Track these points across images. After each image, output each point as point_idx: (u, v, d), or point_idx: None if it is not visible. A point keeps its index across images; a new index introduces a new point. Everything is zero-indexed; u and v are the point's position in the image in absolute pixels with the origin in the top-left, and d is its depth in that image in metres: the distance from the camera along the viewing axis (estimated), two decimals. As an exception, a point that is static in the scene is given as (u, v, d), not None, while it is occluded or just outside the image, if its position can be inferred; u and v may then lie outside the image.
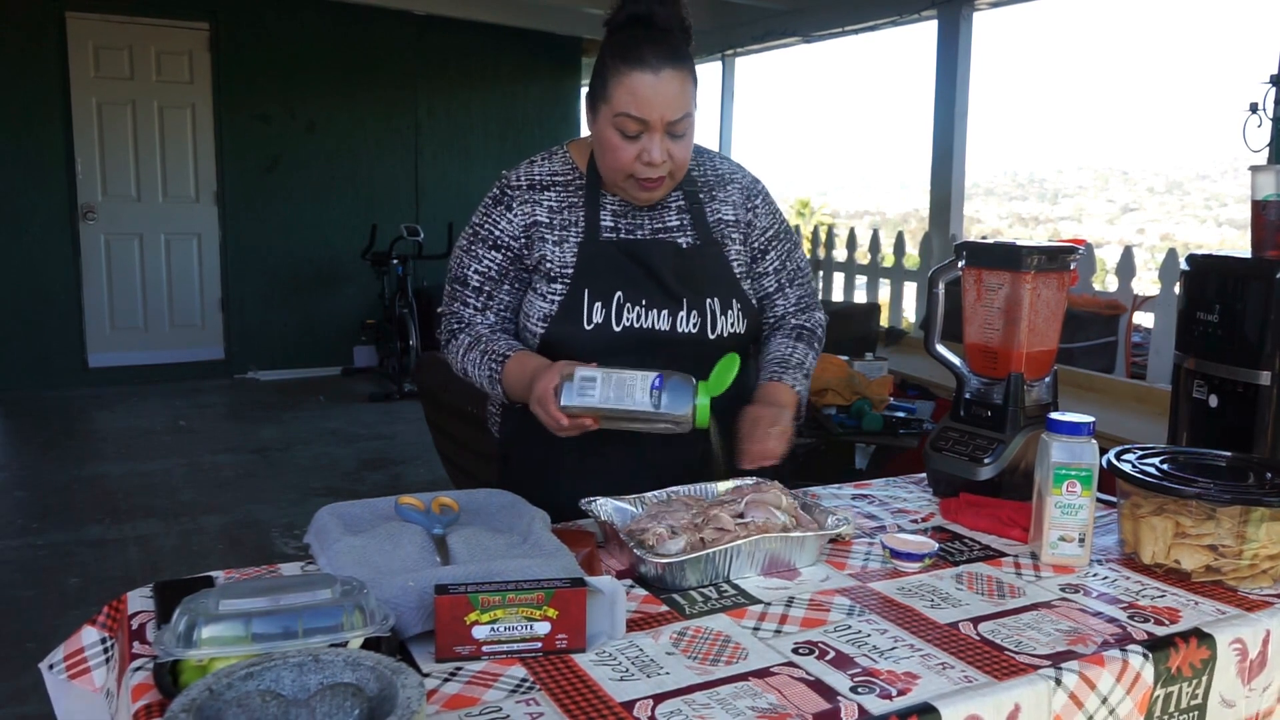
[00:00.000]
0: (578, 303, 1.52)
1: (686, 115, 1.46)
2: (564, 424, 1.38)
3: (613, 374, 1.38)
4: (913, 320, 5.12)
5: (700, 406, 1.36)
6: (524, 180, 1.59)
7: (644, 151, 1.45)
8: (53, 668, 1.18)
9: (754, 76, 14.41)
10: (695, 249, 1.58)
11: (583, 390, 1.37)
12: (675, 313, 1.54)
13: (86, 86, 6.34)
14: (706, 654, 1.07)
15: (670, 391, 1.36)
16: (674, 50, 1.45)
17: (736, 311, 1.58)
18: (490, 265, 1.59)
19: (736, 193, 1.64)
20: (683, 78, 1.45)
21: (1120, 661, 1.07)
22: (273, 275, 6.98)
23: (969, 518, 1.52)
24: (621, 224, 1.57)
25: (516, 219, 1.57)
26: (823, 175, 33.41)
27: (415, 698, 0.78)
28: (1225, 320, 1.71)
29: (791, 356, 1.64)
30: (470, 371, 1.58)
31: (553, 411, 1.37)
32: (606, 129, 1.46)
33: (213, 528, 4.05)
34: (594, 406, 1.37)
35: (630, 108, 1.42)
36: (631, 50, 1.43)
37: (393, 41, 7.12)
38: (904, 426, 3.22)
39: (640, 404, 1.36)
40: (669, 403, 1.36)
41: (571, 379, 1.37)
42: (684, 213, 1.60)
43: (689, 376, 1.39)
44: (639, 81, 1.41)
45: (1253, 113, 2.81)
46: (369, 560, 1.16)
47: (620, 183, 1.51)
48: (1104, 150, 38.90)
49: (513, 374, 1.50)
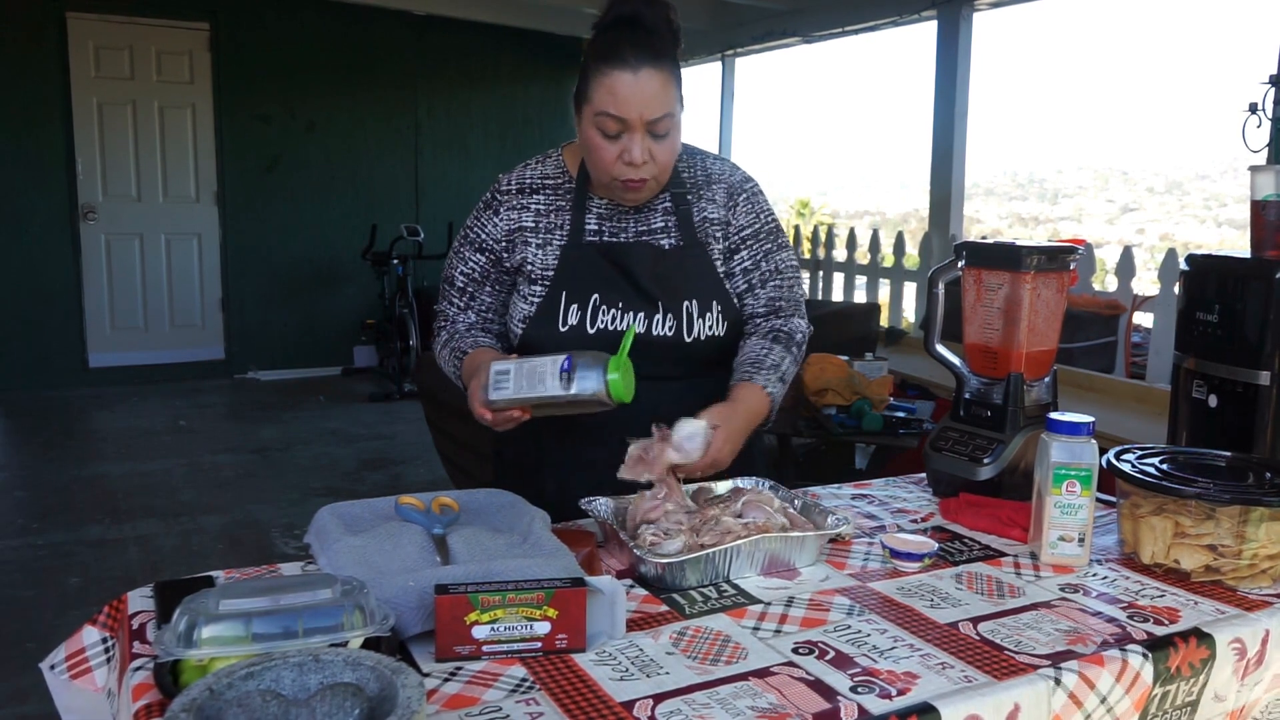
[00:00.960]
0: (554, 305, 1.54)
1: (668, 115, 1.45)
2: (488, 418, 1.38)
3: (525, 363, 1.36)
4: (913, 320, 5.12)
5: (612, 382, 1.33)
6: (514, 185, 1.61)
7: (625, 151, 1.44)
8: (54, 668, 1.18)
9: (754, 76, 14.39)
10: (677, 250, 1.57)
11: (498, 384, 1.36)
12: (651, 315, 1.53)
13: (87, 86, 6.34)
14: (706, 654, 1.07)
15: (580, 372, 1.33)
16: (656, 50, 1.44)
17: (716, 314, 1.56)
18: (474, 267, 1.62)
19: (721, 192, 1.62)
20: (663, 77, 1.44)
21: (1120, 661, 1.07)
22: (273, 275, 6.98)
23: (969, 518, 1.52)
24: (606, 227, 1.58)
25: (500, 223, 1.59)
26: (823, 175, 33.36)
27: (415, 698, 0.78)
28: (1225, 320, 1.71)
29: (766, 358, 1.54)
30: (444, 368, 1.64)
31: (476, 408, 1.39)
32: (589, 129, 1.47)
33: (213, 528, 4.05)
34: (510, 398, 1.36)
35: (609, 106, 1.42)
36: (612, 50, 1.43)
37: (393, 41, 7.12)
38: (904, 426, 3.22)
39: (552, 390, 1.33)
40: (580, 385, 1.33)
41: (490, 374, 1.37)
42: (670, 214, 1.59)
43: (600, 354, 1.35)
44: (617, 80, 1.42)
45: (1252, 113, 2.81)
46: (369, 560, 1.16)
47: (607, 184, 1.51)
48: (1104, 150, 38.85)
49: (467, 371, 1.54)
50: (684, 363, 1.56)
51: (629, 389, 1.35)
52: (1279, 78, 2.88)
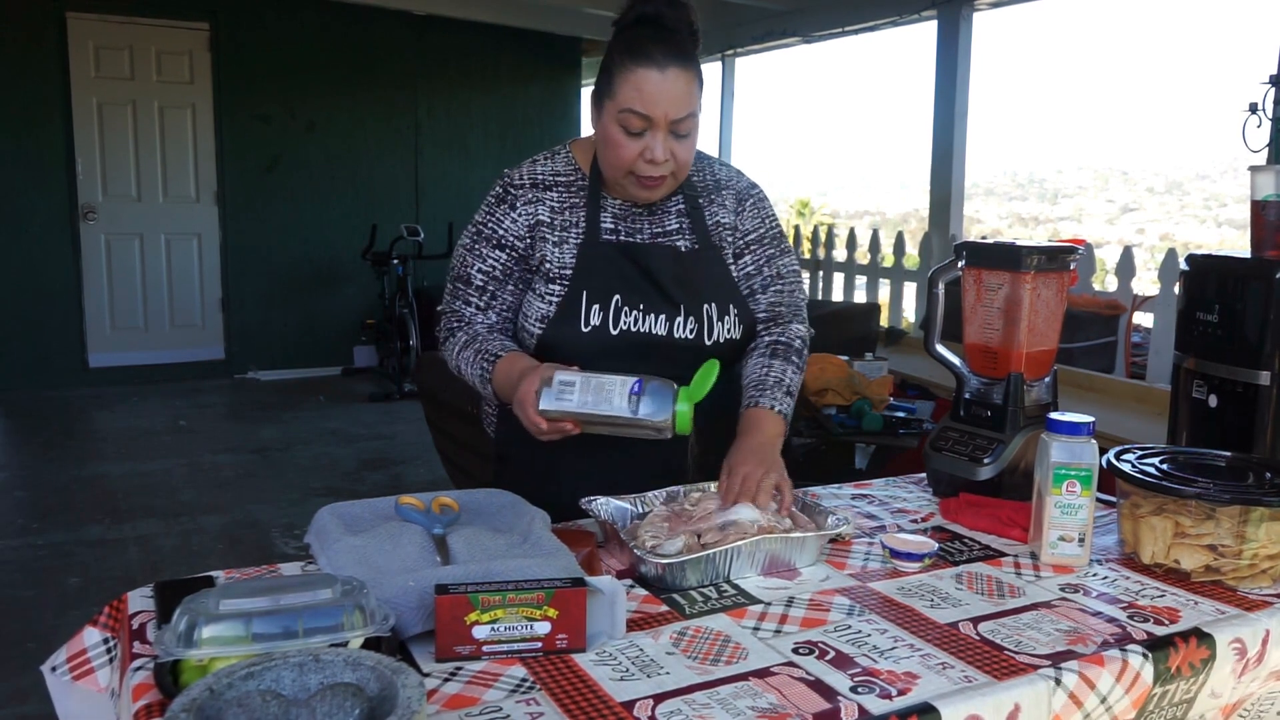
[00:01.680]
0: (575, 304, 1.52)
1: (691, 115, 1.46)
2: (543, 428, 1.36)
3: (592, 378, 1.34)
4: (913, 320, 5.12)
5: (680, 413, 1.32)
6: (527, 179, 1.58)
7: (647, 149, 1.45)
8: (55, 669, 1.18)
9: (754, 76, 14.41)
10: (694, 254, 1.57)
11: (561, 394, 1.34)
12: (672, 318, 1.53)
13: (87, 86, 6.34)
14: (706, 654, 1.07)
15: (649, 397, 1.32)
16: (681, 50, 1.45)
17: (733, 318, 1.57)
18: (495, 264, 1.57)
19: (730, 198, 1.64)
20: (689, 77, 1.45)
21: (1120, 661, 1.07)
22: (273, 275, 6.98)
23: (969, 518, 1.52)
24: (622, 226, 1.57)
25: (521, 218, 1.56)
26: (823, 175, 33.39)
27: (415, 698, 0.78)
28: (1225, 320, 1.72)
29: (768, 376, 1.56)
30: (464, 370, 1.57)
31: (531, 415, 1.35)
32: (611, 125, 1.46)
33: (213, 528, 4.05)
34: (572, 411, 1.34)
35: (635, 104, 1.43)
36: (639, 48, 1.43)
37: (393, 41, 7.12)
38: (904, 426, 3.22)
39: (618, 409, 1.32)
40: (647, 409, 1.32)
41: (550, 383, 1.35)
42: (684, 217, 1.59)
43: (669, 382, 1.35)
44: (645, 78, 1.42)
45: (1252, 113, 2.81)
46: (369, 560, 1.16)
47: (621, 180, 1.50)
48: (1104, 150, 38.89)
49: (502, 375, 1.49)
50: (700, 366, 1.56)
51: (691, 422, 1.34)
52: (1279, 78, 2.88)
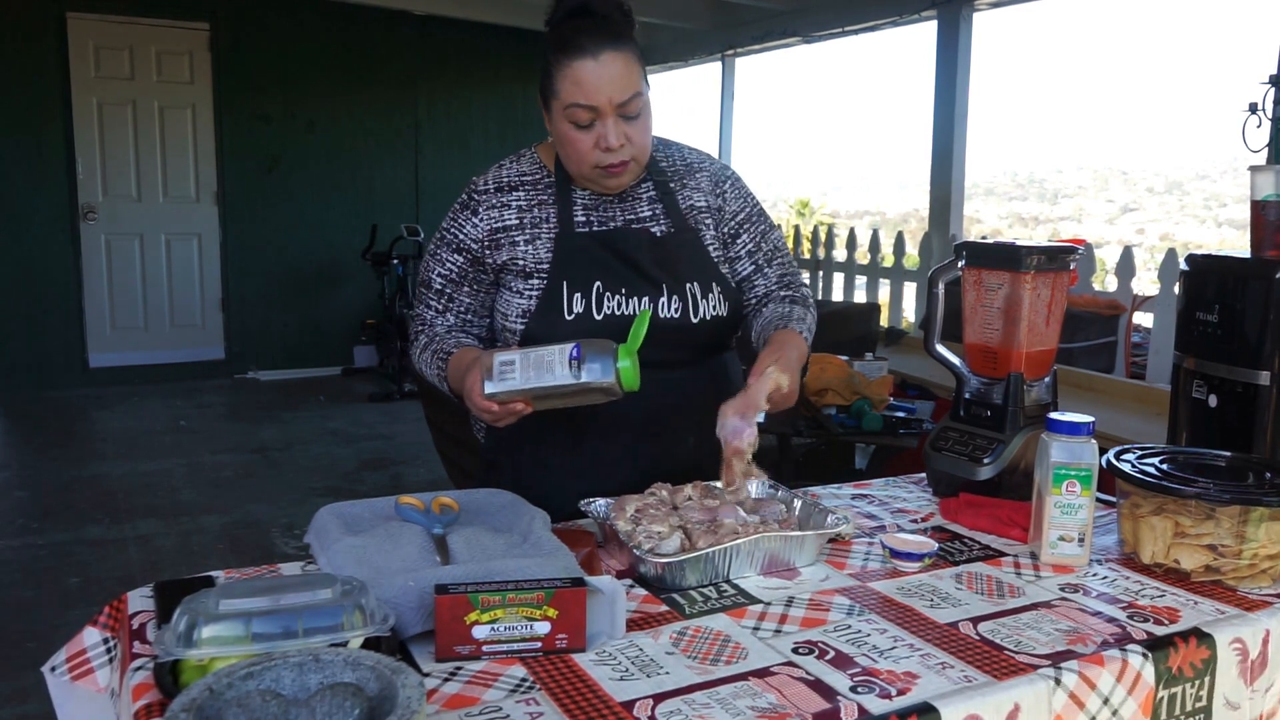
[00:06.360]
0: (556, 295, 1.52)
1: (637, 95, 1.45)
2: (494, 410, 1.35)
3: (530, 353, 1.34)
4: (913, 320, 5.12)
5: (623, 370, 1.31)
6: (491, 184, 1.59)
7: (601, 138, 1.44)
8: (55, 670, 1.18)
9: (754, 76, 14.42)
10: (670, 237, 1.57)
11: (503, 375, 1.33)
12: (656, 298, 1.53)
13: (87, 86, 6.34)
14: (706, 654, 1.07)
15: (590, 360, 1.31)
16: (613, 33, 1.44)
17: (717, 295, 1.57)
18: (451, 268, 1.59)
19: (705, 180, 1.64)
20: (625, 58, 1.43)
21: (1120, 661, 1.07)
22: (273, 275, 6.98)
23: (969, 518, 1.52)
24: (594, 217, 1.57)
25: (481, 223, 1.57)
26: (823, 175, 33.41)
27: (415, 698, 0.78)
28: (1225, 320, 1.71)
29: (791, 313, 1.58)
30: (425, 372, 1.59)
31: (479, 402, 1.35)
32: (561, 123, 1.46)
33: (213, 528, 4.05)
34: (517, 389, 1.33)
35: (577, 96, 1.42)
36: (569, 40, 1.43)
37: (393, 41, 7.12)
38: (904, 426, 3.22)
39: (561, 378, 1.31)
40: (590, 372, 1.31)
41: (491, 366, 1.34)
42: (656, 202, 1.60)
43: (608, 342, 1.34)
44: (580, 69, 1.41)
45: (1252, 113, 2.81)
46: (369, 560, 1.16)
47: (587, 174, 1.51)
48: (1104, 150, 38.91)
49: (453, 370, 1.49)
50: (688, 346, 1.56)
51: (638, 377, 1.33)
52: (1279, 78, 2.88)
